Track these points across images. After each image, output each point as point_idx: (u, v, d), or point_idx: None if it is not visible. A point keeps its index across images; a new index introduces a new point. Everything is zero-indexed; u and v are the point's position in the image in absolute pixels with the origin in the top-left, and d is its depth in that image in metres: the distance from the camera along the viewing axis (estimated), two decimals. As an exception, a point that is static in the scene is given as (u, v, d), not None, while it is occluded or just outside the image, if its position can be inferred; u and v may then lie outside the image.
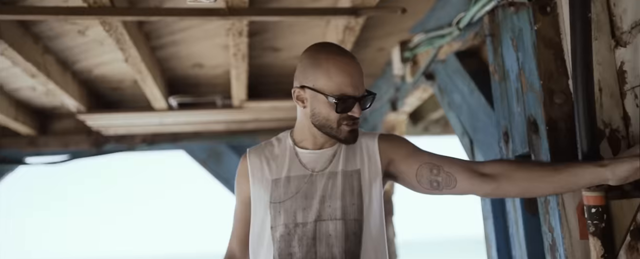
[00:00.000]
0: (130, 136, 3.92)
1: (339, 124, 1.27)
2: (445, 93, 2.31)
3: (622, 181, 1.13)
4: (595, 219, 1.22)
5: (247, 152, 1.39)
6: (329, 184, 1.29)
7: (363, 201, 1.28)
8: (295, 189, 1.29)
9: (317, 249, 1.25)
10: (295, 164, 1.33)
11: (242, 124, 3.80)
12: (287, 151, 1.35)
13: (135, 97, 3.44)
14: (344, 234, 1.25)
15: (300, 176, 1.31)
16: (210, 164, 4.13)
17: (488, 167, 1.25)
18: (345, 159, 1.32)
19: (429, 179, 1.28)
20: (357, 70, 1.26)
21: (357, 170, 1.31)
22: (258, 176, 1.34)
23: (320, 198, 1.28)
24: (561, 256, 1.31)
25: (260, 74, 3.12)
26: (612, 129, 1.31)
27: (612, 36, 1.35)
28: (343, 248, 1.25)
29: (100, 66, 2.91)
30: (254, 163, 1.35)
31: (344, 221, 1.26)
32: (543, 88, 1.38)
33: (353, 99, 1.25)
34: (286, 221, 1.28)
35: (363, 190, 1.29)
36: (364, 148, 1.34)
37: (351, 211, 1.27)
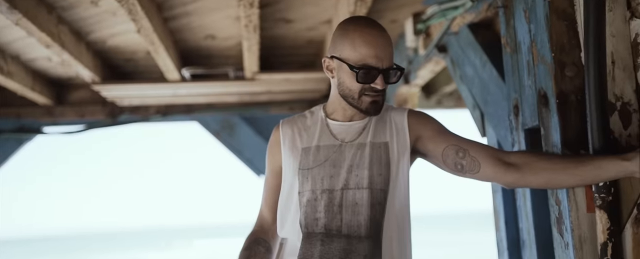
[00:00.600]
0: (145, 106, 3.97)
1: (360, 95, 1.29)
2: (457, 66, 2.29)
3: None
4: (602, 192, 1.22)
5: (280, 123, 1.43)
6: (357, 154, 1.32)
7: (390, 173, 1.31)
8: (324, 158, 1.33)
9: (342, 216, 1.29)
10: (325, 134, 1.37)
11: (254, 96, 3.82)
12: (318, 122, 1.39)
13: (148, 69, 3.47)
14: (369, 203, 1.29)
15: (329, 146, 1.35)
16: (223, 136, 4.17)
17: (513, 157, 1.26)
18: (374, 131, 1.35)
19: (454, 160, 1.31)
20: (383, 42, 1.27)
21: (386, 142, 1.34)
22: (289, 145, 1.38)
23: (348, 167, 1.31)
24: (567, 228, 1.32)
25: (273, 45, 3.11)
26: (624, 103, 1.30)
27: (627, 7, 1.32)
28: (368, 216, 1.29)
29: (113, 36, 2.93)
30: (286, 133, 1.40)
31: (371, 190, 1.30)
32: (554, 60, 1.36)
33: (376, 70, 1.26)
34: (313, 187, 1.32)
35: (391, 162, 1.32)
36: (393, 122, 1.37)
37: (378, 181, 1.30)
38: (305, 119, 1.42)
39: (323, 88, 3.69)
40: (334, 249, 1.27)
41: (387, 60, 1.27)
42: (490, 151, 1.30)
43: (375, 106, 1.30)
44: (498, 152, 1.30)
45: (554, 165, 1.20)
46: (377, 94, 1.29)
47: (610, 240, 1.21)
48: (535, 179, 1.24)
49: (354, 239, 1.28)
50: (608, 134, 1.24)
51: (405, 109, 1.40)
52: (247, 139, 4.17)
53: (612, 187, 1.22)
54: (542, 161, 1.22)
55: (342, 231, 1.28)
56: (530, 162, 1.23)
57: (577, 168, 1.17)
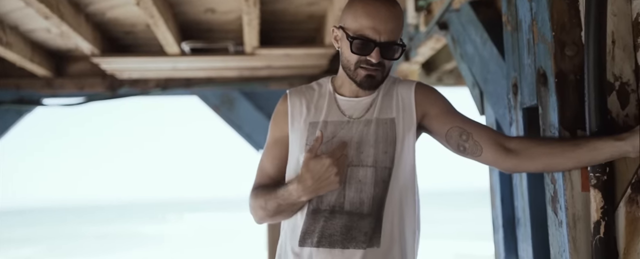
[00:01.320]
0: (144, 80, 3.96)
1: (356, 67, 1.27)
2: (458, 44, 2.28)
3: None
4: (597, 171, 1.23)
5: (287, 93, 1.41)
6: (364, 131, 1.32)
7: (395, 150, 1.31)
8: (331, 134, 1.32)
9: (345, 193, 1.29)
10: (333, 110, 1.35)
11: (254, 70, 3.81)
12: (326, 96, 1.38)
13: (148, 42, 3.45)
14: (373, 181, 1.29)
15: (337, 122, 1.33)
16: (223, 110, 4.18)
17: (513, 143, 1.26)
18: (381, 107, 1.34)
19: (457, 142, 1.31)
20: (385, 15, 1.23)
21: (392, 119, 1.33)
22: (297, 118, 1.37)
23: (355, 145, 1.31)
24: (562, 207, 1.33)
25: (273, 20, 3.09)
26: (623, 82, 1.30)
27: (630, -14, 1.31)
28: (371, 193, 1.29)
29: (113, 8, 2.91)
30: (294, 104, 1.38)
31: (375, 168, 1.29)
32: (554, 39, 1.36)
33: (373, 42, 1.24)
34: None
35: (397, 139, 1.31)
36: (400, 97, 1.35)
37: (383, 158, 1.30)
38: (313, 92, 1.40)
39: (323, 64, 3.68)
40: (335, 225, 1.28)
41: (386, 34, 1.24)
42: (493, 135, 1.29)
43: (370, 81, 1.28)
44: (500, 137, 1.30)
45: (550, 149, 1.21)
46: (372, 68, 1.26)
47: (603, 219, 1.23)
48: (533, 164, 1.26)
49: (355, 215, 1.28)
50: (605, 114, 1.24)
51: (413, 83, 1.38)
52: (247, 114, 4.18)
53: (608, 166, 1.23)
54: (540, 146, 1.23)
55: (344, 208, 1.29)
56: (528, 148, 1.24)
57: (573, 151, 1.18)
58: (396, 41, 1.26)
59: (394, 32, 1.25)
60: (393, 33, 1.25)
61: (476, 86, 2.14)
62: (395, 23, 1.25)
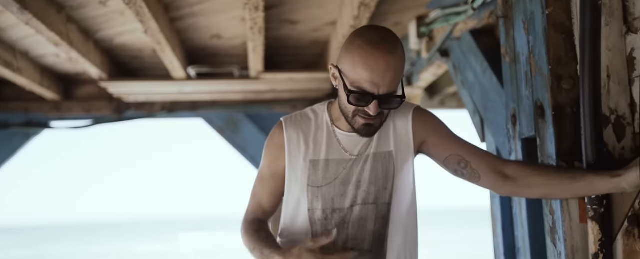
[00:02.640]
0: (150, 103, 4.01)
1: (354, 115, 1.24)
2: (459, 71, 2.32)
3: (637, 187, 1.15)
4: (595, 204, 1.25)
5: (283, 122, 1.35)
6: (364, 168, 1.31)
7: (394, 184, 1.30)
8: (334, 175, 1.30)
9: (348, 231, 1.30)
10: (333, 146, 1.32)
11: (259, 94, 3.86)
12: (325, 129, 1.33)
13: (155, 66, 3.51)
14: (374, 217, 1.30)
15: (338, 160, 1.31)
16: (227, 133, 4.22)
17: (511, 169, 1.26)
18: (378, 140, 1.32)
19: (455, 168, 1.31)
20: (384, 66, 1.17)
21: (390, 152, 1.31)
22: (295, 154, 1.32)
23: (356, 183, 1.30)
24: (560, 238, 1.35)
25: (277, 45, 3.14)
26: (618, 116, 1.32)
27: (624, 22, 1.34)
28: (372, 229, 1.30)
29: (121, 35, 2.97)
30: (291, 138, 1.33)
31: (376, 204, 1.30)
32: (551, 73, 1.39)
33: (370, 96, 1.19)
34: (324, 207, 1.31)
35: (396, 172, 1.31)
36: (397, 127, 1.33)
37: (383, 195, 1.30)
38: (309, 122, 1.34)
39: (326, 88, 3.72)
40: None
41: (385, 86, 1.18)
42: (491, 162, 1.29)
43: (368, 129, 1.25)
44: (498, 163, 1.29)
45: (547, 180, 1.23)
46: (371, 118, 1.23)
47: (602, 251, 1.24)
48: (530, 192, 1.28)
49: (356, 252, 1.28)
50: (602, 147, 1.27)
51: (410, 111, 1.34)
52: (251, 136, 4.21)
53: (605, 199, 1.25)
54: (538, 176, 1.24)
55: (347, 245, 1.29)
56: (526, 176, 1.25)
57: (570, 184, 1.20)
58: (395, 92, 1.21)
59: (393, 83, 1.20)
60: (393, 84, 1.20)
61: (477, 113, 2.17)
62: (395, 72, 1.19)
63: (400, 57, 1.21)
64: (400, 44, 1.24)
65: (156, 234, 35.17)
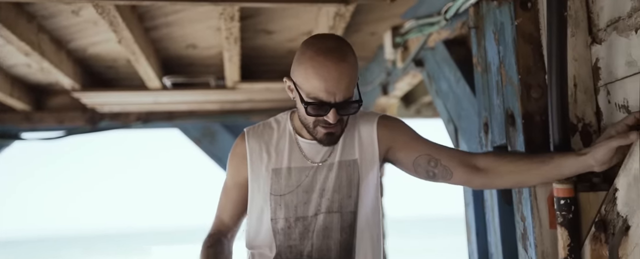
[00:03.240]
0: (125, 113, 3.97)
1: (314, 125, 1.25)
2: (433, 80, 2.35)
3: (606, 164, 1.16)
4: (563, 210, 1.28)
5: (245, 133, 1.35)
6: (328, 176, 1.30)
7: (359, 192, 1.29)
8: (296, 183, 1.30)
9: (313, 242, 1.28)
10: (295, 154, 1.32)
11: (235, 104, 3.84)
12: (287, 137, 1.33)
13: (129, 76, 3.47)
14: (339, 226, 1.28)
15: (300, 168, 1.31)
16: (204, 143, 4.19)
17: (481, 161, 1.28)
18: (342, 148, 1.31)
19: (426, 169, 1.31)
20: (336, 75, 1.17)
21: (354, 160, 1.31)
22: (257, 164, 1.32)
23: (319, 191, 1.29)
24: (531, 244, 1.37)
25: (254, 55, 3.15)
26: (585, 124, 1.36)
27: (589, 33, 1.38)
28: (338, 239, 1.28)
29: (94, 45, 2.94)
30: (253, 148, 1.33)
31: (340, 213, 1.29)
32: (521, 82, 1.42)
33: (327, 105, 1.19)
34: (287, 215, 1.29)
35: (360, 180, 1.30)
36: (362, 135, 1.33)
37: (347, 203, 1.29)
38: (272, 132, 1.34)
39: (304, 97, 3.73)
40: None
41: (340, 93, 1.18)
42: (461, 157, 1.30)
43: (330, 138, 1.25)
44: (468, 157, 1.30)
45: (517, 167, 1.24)
46: (331, 126, 1.23)
47: (570, 256, 1.27)
48: (502, 182, 1.30)
49: None
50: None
51: (375, 119, 1.34)
52: (228, 146, 4.17)
53: (573, 205, 1.28)
54: (508, 164, 1.26)
55: (312, 256, 1.28)
56: (496, 166, 1.26)
57: (539, 169, 1.21)
58: (351, 97, 1.21)
59: (348, 89, 1.19)
60: (348, 90, 1.19)
61: (451, 122, 2.20)
62: (349, 79, 1.19)
63: (352, 64, 1.21)
64: (350, 49, 1.23)
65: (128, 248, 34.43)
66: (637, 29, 1.21)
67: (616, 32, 1.28)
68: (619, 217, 1.18)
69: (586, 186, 1.29)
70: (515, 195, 1.45)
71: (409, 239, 23.04)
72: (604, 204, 1.22)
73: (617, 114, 1.29)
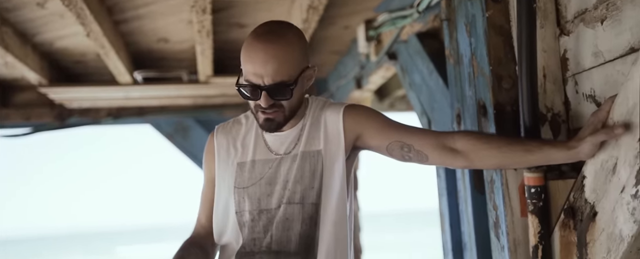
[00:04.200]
0: (95, 109, 3.88)
1: (256, 111, 1.24)
2: (406, 73, 2.37)
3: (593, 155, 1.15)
4: (534, 198, 1.31)
5: (214, 130, 1.37)
6: (292, 167, 1.28)
7: (322, 184, 1.27)
8: (260, 175, 1.29)
9: (273, 233, 1.26)
10: (260, 146, 1.32)
11: (208, 98, 3.80)
12: (253, 131, 1.33)
13: (99, 70, 3.40)
14: (300, 218, 1.26)
15: (264, 160, 1.30)
16: (177, 138, 4.13)
17: (458, 142, 1.22)
18: (307, 139, 1.30)
19: (400, 154, 1.27)
20: (263, 57, 1.16)
21: (318, 151, 1.29)
22: (224, 158, 1.33)
23: (283, 183, 1.28)
24: (503, 232, 1.40)
25: (227, 49, 3.11)
26: (554, 114, 1.39)
27: (557, 24, 1.41)
28: (298, 231, 1.25)
29: (61, 38, 2.86)
30: (220, 143, 1.34)
31: (302, 204, 1.26)
32: (492, 73, 1.44)
33: (258, 88, 1.18)
34: (251, 208, 1.28)
35: (324, 172, 1.27)
36: (328, 125, 1.31)
37: (310, 194, 1.27)
38: (240, 127, 1.35)
39: (278, 91, 3.72)
40: None
41: (269, 77, 1.17)
42: (434, 139, 1.25)
43: (269, 124, 1.24)
44: (443, 138, 1.24)
45: (500, 153, 1.19)
46: (269, 111, 1.21)
47: (541, 243, 1.30)
48: (483, 164, 1.25)
49: (282, 254, 1.25)
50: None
51: (340, 108, 1.31)
52: (201, 141, 4.14)
53: (543, 193, 1.31)
54: (489, 149, 1.20)
55: (272, 248, 1.26)
56: (476, 150, 1.21)
57: (524, 156, 1.17)
58: (284, 81, 1.19)
59: (278, 73, 1.17)
60: (278, 73, 1.17)
61: (424, 114, 2.22)
62: (279, 62, 1.17)
63: (284, 45, 1.19)
64: (290, 33, 1.22)
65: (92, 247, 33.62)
66: (603, 20, 1.24)
67: (583, 23, 1.31)
68: (586, 203, 1.21)
69: (555, 174, 1.32)
70: (488, 185, 1.48)
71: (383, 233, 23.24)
72: (573, 192, 1.25)
73: (584, 104, 1.33)
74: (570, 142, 1.17)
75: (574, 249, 1.24)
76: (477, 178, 1.61)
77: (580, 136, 1.16)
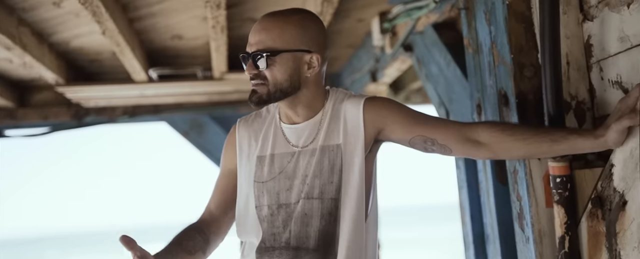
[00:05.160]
0: (111, 107, 3.91)
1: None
2: (423, 65, 2.34)
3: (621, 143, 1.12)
4: (559, 188, 1.28)
5: (237, 122, 1.39)
6: (310, 161, 1.27)
7: (342, 179, 1.24)
8: (279, 169, 1.28)
9: (291, 228, 1.24)
10: (279, 140, 1.31)
11: (223, 95, 3.81)
12: (273, 124, 1.33)
13: (114, 69, 3.42)
14: (319, 213, 1.23)
15: (283, 154, 1.29)
16: (192, 135, 4.15)
17: (482, 134, 1.20)
18: (326, 132, 1.28)
19: (423, 147, 1.26)
20: (260, 27, 1.24)
21: (338, 145, 1.26)
22: (246, 152, 1.33)
23: (302, 177, 1.26)
24: (528, 223, 1.37)
25: (241, 44, 3.08)
26: (579, 101, 1.36)
27: (580, 10, 1.38)
28: (317, 227, 1.23)
29: (77, 37, 2.88)
30: (242, 136, 1.35)
31: (321, 200, 1.24)
32: (513, 61, 1.42)
33: (245, 55, 1.25)
34: (270, 202, 1.28)
35: (343, 166, 1.25)
36: (347, 118, 1.28)
37: (329, 189, 1.24)
38: (262, 120, 1.36)
39: (292, 86, 3.71)
40: None
41: (254, 45, 1.23)
42: (457, 132, 1.22)
43: (252, 96, 1.26)
44: (466, 130, 1.22)
45: (525, 145, 1.17)
46: (254, 82, 1.25)
47: (567, 233, 1.27)
48: (509, 155, 1.25)
49: (302, 251, 1.23)
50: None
51: (361, 101, 1.29)
52: (217, 138, 4.15)
53: (569, 183, 1.28)
54: (514, 140, 1.18)
55: (290, 244, 1.24)
56: (500, 141, 1.19)
57: (551, 147, 1.16)
58: (265, 49, 1.21)
59: (262, 42, 1.22)
60: (261, 42, 1.22)
61: (442, 106, 2.20)
62: (266, 32, 1.22)
63: (278, 21, 1.24)
64: (297, 15, 1.27)
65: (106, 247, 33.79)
66: (629, 4, 1.21)
67: (608, 8, 1.28)
68: (615, 192, 1.18)
69: (581, 163, 1.29)
70: (511, 175, 1.45)
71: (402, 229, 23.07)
72: (600, 181, 1.22)
73: (610, 91, 1.29)
74: (597, 131, 1.14)
75: (602, 239, 1.21)
76: (499, 169, 1.58)
77: (607, 124, 1.13)
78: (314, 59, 1.27)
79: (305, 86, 1.28)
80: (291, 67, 1.25)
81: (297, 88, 1.27)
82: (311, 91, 1.29)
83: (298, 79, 1.27)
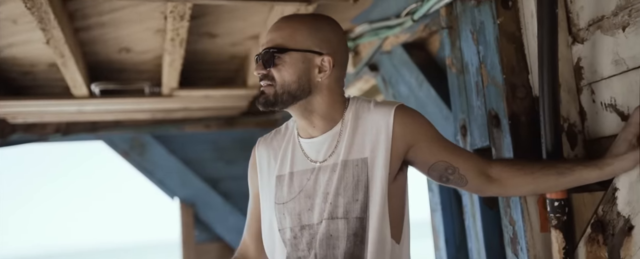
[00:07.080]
0: (42, 124, 3.57)
1: None
2: (389, 85, 2.30)
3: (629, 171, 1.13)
4: (557, 212, 1.25)
5: (257, 142, 1.31)
6: (332, 178, 1.16)
7: (369, 196, 1.14)
8: (298, 188, 1.19)
9: (316, 251, 1.15)
10: (298, 156, 1.22)
11: (169, 113, 3.59)
12: (291, 141, 1.25)
13: (50, 82, 3.13)
14: (345, 234, 1.13)
15: (303, 171, 1.20)
16: (132, 156, 3.88)
17: (495, 170, 1.19)
18: (349, 145, 1.17)
19: (440, 174, 1.20)
20: (274, 27, 1.20)
21: (364, 159, 1.15)
22: (266, 172, 1.26)
23: (323, 196, 1.16)
24: (523, 248, 1.33)
25: (194, 60, 2.95)
26: (570, 124, 1.35)
27: (569, 33, 1.38)
28: (344, 249, 1.13)
29: (11, 46, 2.60)
30: (262, 156, 1.28)
31: (347, 219, 1.14)
32: (505, 82, 1.39)
33: (257, 55, 1.20)
34: (292, 225, 1.18)
35: (370, 183, 1.14)
36: (375, 130, 1.17)
37: (354, 208, 1.14)
38: (281, 138, 1.27)
39: (243, 105, 3.57)
40: None
41: (266, 44, 1.18)
42: (478, 166, 1.19)
43: (259, 97, 1.18)
44: (483, 165, 1.20)
45: (534, 179, 1.17)
46: (263, 84, 1.18)
47: (566, 259, 1.24)
48: (517, 192, 1.25)
49: None
50: (561, 155, 1.27)
51: (391, 110, 1.17)
52: (159, 159, 3.91)
53: (567, 207, 1.25)
54: (523, 175, 1.18)
55: None
56: (510, 177, 1.18)
57: (557, 180, 1.16)
58: (275, 46, 1.16)
59: (273, 40, 1.17)
60: (272, 41, 1.17)
61: (411, 127, 2.16)
62: (278, 32, 1.18)
63: (292, 23, 1.19)
64: (311, 18, 1.22)
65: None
66: (624, 27, 1.21)
67: (600, 31, 1.28)
68: (619, 217, 1.16)
69: (579, 187, 1.27)
70: (502, 200, 1.41)
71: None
72: (602, 205, 1.20)
73: (603, 113, 1.29)
74: (603, 161, 1.14)
75: (606, 265, 1.19)
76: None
77: (616, 153, 1.13)
78: (325, 61, 1.17)
79: (318, 91, 1.18)
80: (300, 68, 1.17)
81: (307, 92, 1.17)
82: (325, 98, 1.19)
83: (307, 81, 1.17)
